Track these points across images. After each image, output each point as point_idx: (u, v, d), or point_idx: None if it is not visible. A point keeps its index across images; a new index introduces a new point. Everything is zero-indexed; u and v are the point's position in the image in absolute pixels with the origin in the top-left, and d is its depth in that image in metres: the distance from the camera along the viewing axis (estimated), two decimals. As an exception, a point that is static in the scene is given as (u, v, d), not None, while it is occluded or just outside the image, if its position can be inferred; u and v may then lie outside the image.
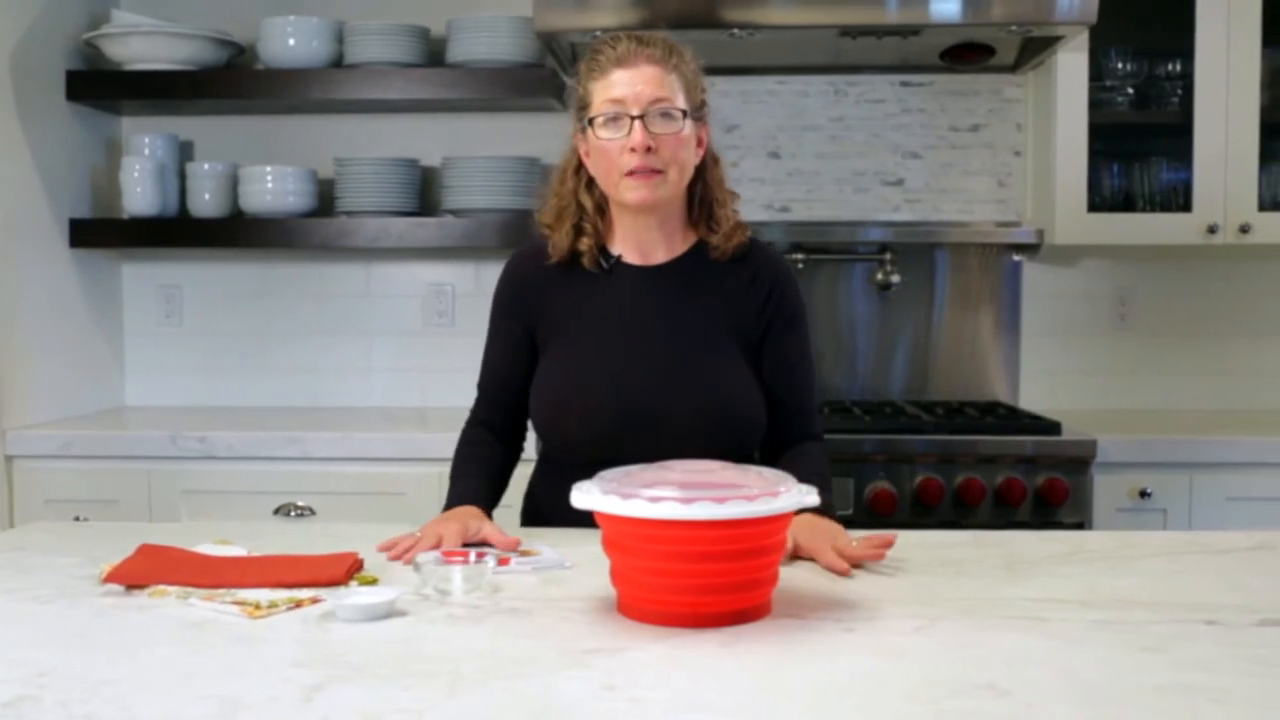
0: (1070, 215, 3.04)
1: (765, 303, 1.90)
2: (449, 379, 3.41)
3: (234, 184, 3.24)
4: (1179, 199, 3.08)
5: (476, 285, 3.41)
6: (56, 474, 2.88)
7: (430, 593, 1.46)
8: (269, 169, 3.19)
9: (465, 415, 3.16)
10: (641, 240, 1.91)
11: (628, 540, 1.35)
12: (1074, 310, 3.33)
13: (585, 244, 1.90)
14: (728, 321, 1.89)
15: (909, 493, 2.75)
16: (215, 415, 3.21)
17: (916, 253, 3.31)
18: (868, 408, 3.09)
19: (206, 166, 3.24)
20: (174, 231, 3.25)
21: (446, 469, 2.79)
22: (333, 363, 3.45)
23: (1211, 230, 2.98)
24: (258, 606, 1.38)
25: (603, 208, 1.92)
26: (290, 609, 1.39)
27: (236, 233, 3.22)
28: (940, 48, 3.06)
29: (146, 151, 3.25)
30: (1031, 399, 3.30)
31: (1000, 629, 1.33)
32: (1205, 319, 3.31)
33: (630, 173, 1.80)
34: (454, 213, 3.23)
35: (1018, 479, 2.73)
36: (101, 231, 3.25)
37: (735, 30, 2.82)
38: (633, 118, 1.78)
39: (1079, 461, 2.75)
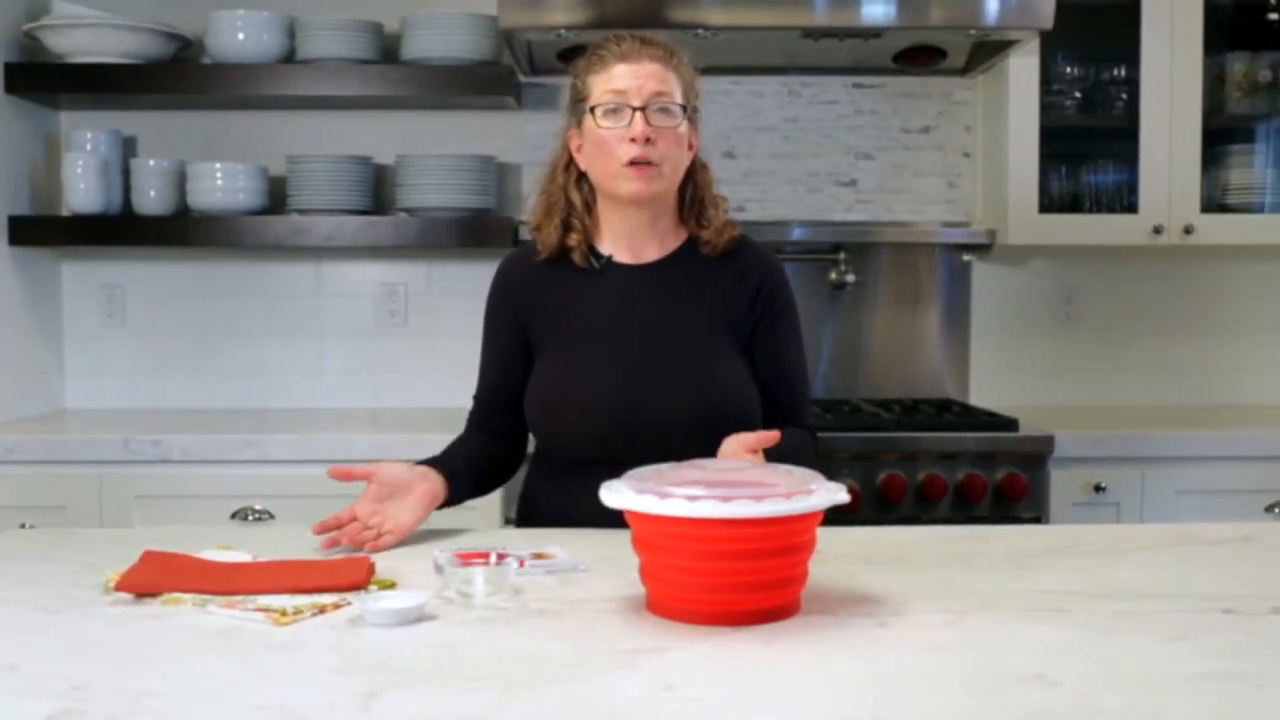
0: (1022, 216, 3.11)
1: (755, 297, 1.92)
2: (402, 380, 3.38)
3: (181, 181, 3.16)
4: (1124, 200, 3.16)
5: (429, 285, 3.38)
6: (0, 480, 2.78)
7: (452, 595, 1.44)
8: (219, 166, 3.11)
9: (419, 416, 3.16)
10: (633, 238, 1.91)
11: (663, 539, 1.34)
12: (1022, 309, 3.40)
13: (574, 239, 1.90)
14: (721, 317, 1.91)
15: (872, 489, 2.78)
16: (163, 418, 3.13)
17: (869, 252, 3.35)
18: (826, 406, 3.12)
19: (152, 163, 3.15)
20: (118, 229, 3.16)
21: (410, 471, 2.80)
22: (282, 364, 3.38)
23: (1157, 231, 3.07)
24: (284, 613, 1.35)
25: (590, 205, 1.92)
26: (315, 614, 1.36)
27: (185, 231, 3.14)
28: (894, 50, 3.11)
29: (89, 147, 3.16)
30: (981, 396, 3.37)
31: (1028, 621, 1.35)
32: (1149, 317, 3.41)
33: (627, 165, 1.80)
34: (408, 211, 3.19)
35: (978, 475, 2.78)
36: (41, 229, 3.14)
37: (700, 30, 2.83)
38: (634, 109, 1.80)
39: (1036, 457, 2.81)
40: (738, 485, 1.35)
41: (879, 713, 1.09)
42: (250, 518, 2.78)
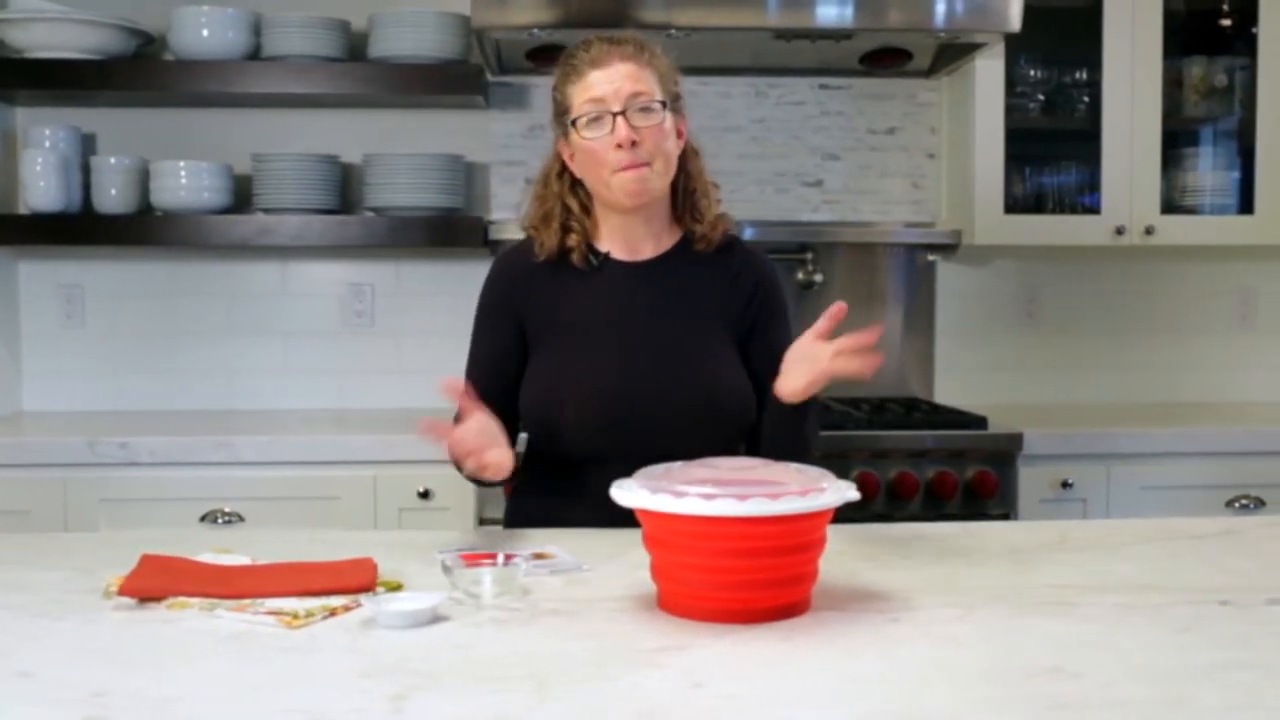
0: (988, 216, 3.15)
1: (752, 298, 1.95)
2: (369, 380, 3.35)
3: (143, 179, 3.11)
4: (1087, 201, 3.22)
5: (397, 284, 3.35)
6: (-40, 484, 2.72)
7: (461, 596, 1.43)
8: (183, 164, 3.07)
9: (387, 416, 3.13)
10: (629, 237, 1.92)
11: (678, 538, 1.35)
12: (984, 309, 3.45)
13: (574, 240, 1.91)
14: (716, 315, 1.92)
15: (846, 487, 2.80)
16: (127, 419, 3.08)
17: (836, 252, 3.37)
18: (796, 405, 3.13)
19: (113, 161, 3.10)
20: (78, 228, 3.10)
21: (382, 471, 2.79)
22: (245, 364, 3.33)
23: (1119, 232, 3.13)
24: (295, 616, 1.33)
25: (588, 208, 1.93)
26: (326, 617, 1.35)
27: (147, 230, 3.10)
28: (861, 52, 3.14)
29: (48, 144, 3.09)
30: (945, 394, 3.40)
31: (1036, 615, 1.37)
32: (1109, 317, 3.47)
33: (619, 169, 1.81)
34: (376, 210, 3.16)
35: (949, 472, 2.82)
36: (-2, 228, 3.08)
37: (672, 31, 2.84)
38: (614, 114, 1.80)
39: (1005, 455, 2.85)
40: (750, 484, 1.36)
41: (911, 706, 1.10)
42: (220, 520, 2.75)
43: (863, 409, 3.09)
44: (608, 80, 1.82)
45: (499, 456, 1.70)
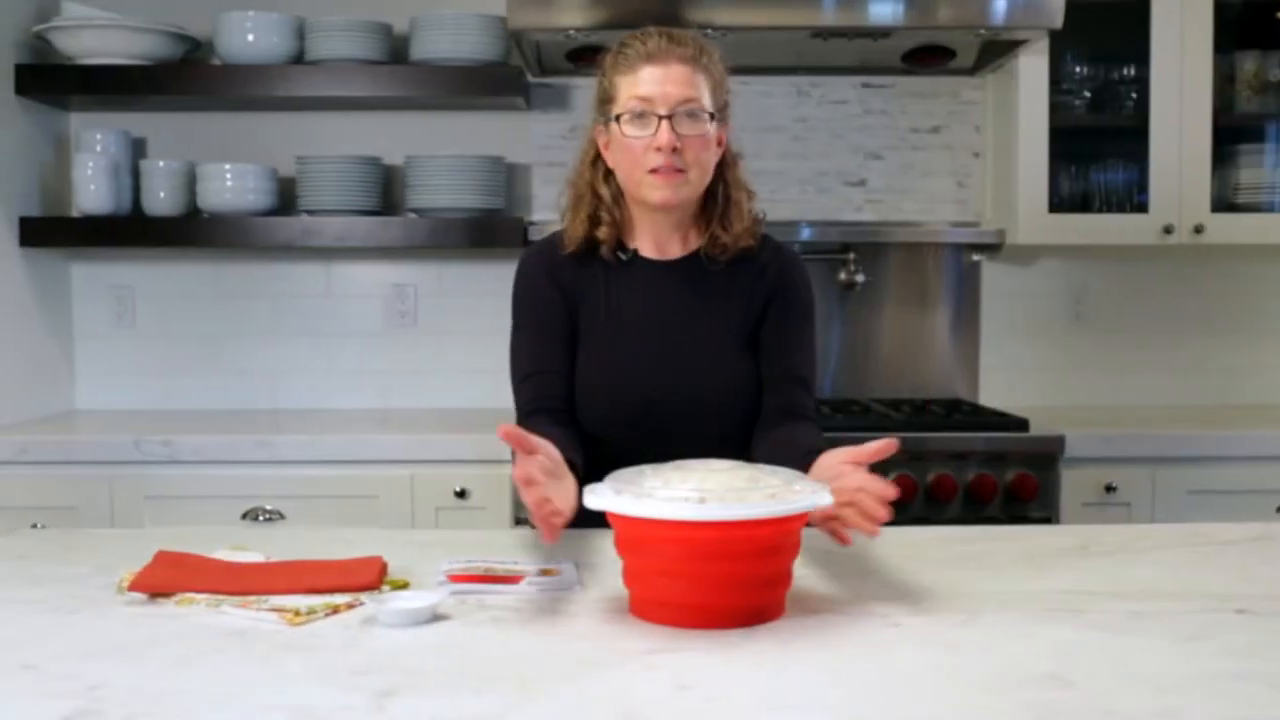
0: (1032, 215, 3.10)
1: (772, 293, 1.91)
2: (412, 380, 3.38)
3: (190, 182, 3.17)
4: (1134, 200, 3.16)
5: (440, 285, 3.38)
6: (11, 480, 2.78)
7: (466, 597, 1.44)
8: (228, 167, 3.12)
9: (429, 416, 3.16)
10: (658, 235, 1.91)
11: (645, 542, 1.34)
12: (1030, 309, 3.40)
13: (604, 233, 1.88)
14: (739, 315, 1.91)
15: (883, 489, 2.77)
16: (173, 418, 3.13)
17: (879, 252, 3.34)
18: (835, 405, 3.11)
19: (161, 164, 3.16)
20: (128, 230, 3.17)
21: (419, 471, 2.82)
22: (291, 365, 3.38)
23: (1168, 231, 3.07)
24: (297, 613, 1.35)
25: (619, 199, 1.90)
26: (328, 615, 1.37)
27: (194, 231, 3.15)
28: (903, 50, 3.11)
29: (99, 148, 3.16)
30: (990, 396, 3.36)
31: (1042, 621, 1.35)
32: (1158, 317, 3.40)
33: (653, 170, 1.79)
34: (417, 212, 3.19)
35: (989, 475, 2.78)
36: (51, 230, 3.15)
37: (709, 31, 2.83)
38: (660, 117, 1.78)
39: (1047, 457, 2.80)
40: (724, 489, 1.33)
41: (896, 711, 1.09)
42: (261, 518, 2.79)
43: (904, 410, 3.06)
44: (659, 81, 1.78)
45: (563, 502, 1.47)
